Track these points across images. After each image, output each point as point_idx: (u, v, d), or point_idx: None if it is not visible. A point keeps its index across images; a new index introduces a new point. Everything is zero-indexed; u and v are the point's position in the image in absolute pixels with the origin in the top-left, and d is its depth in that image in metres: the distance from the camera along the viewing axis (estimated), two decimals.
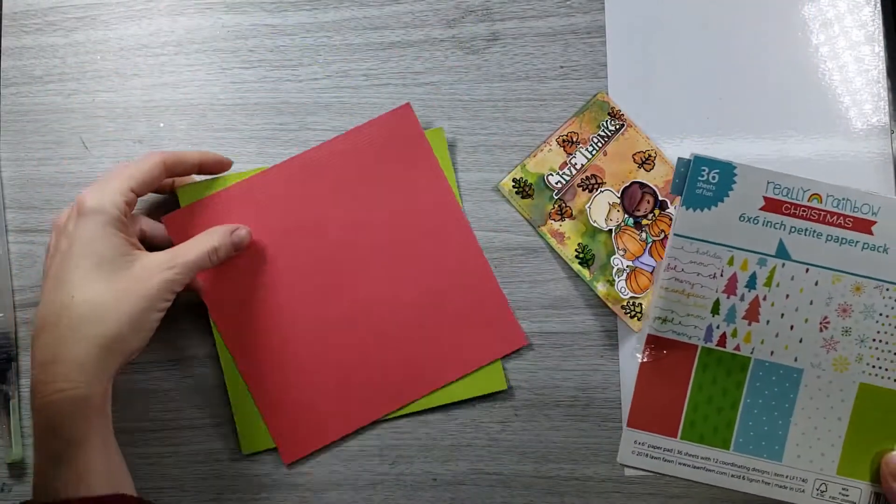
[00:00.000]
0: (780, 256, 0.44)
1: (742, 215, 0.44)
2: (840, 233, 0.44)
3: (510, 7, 0.56)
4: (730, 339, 0.44)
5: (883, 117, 0.55)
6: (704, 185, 0.44)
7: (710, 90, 0.55)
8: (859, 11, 0.55)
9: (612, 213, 0.54)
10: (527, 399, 0.54)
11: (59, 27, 0.57)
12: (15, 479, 0.55)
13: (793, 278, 0.44)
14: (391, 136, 0.54)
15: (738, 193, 0.44)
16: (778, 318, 0.44)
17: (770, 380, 0.44)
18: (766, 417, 0.44)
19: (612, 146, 0.54)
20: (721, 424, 0.45)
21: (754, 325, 0.44)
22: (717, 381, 0.45)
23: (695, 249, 0.44)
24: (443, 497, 0.54)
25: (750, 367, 0.44)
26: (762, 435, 0.44)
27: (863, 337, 0.44)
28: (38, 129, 0.57)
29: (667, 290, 0.44)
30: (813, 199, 0.44)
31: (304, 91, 0.56)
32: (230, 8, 0.57)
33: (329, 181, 0.54)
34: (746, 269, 0.44)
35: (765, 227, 0.44)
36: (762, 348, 0.44)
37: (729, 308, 0.44)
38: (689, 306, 0.44)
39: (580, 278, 0.54)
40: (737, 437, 0.44)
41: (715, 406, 0.45)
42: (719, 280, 0.44)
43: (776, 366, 0.44)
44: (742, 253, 0.44)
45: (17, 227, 0.56)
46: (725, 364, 0.45)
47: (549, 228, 0.54)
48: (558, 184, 0.54)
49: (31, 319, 0.50)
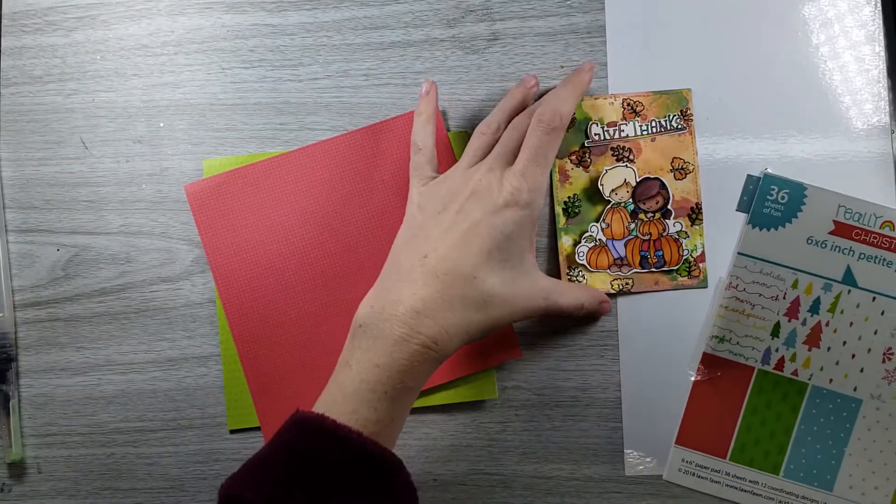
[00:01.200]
0: (846, 283, 0.43)
1: (810, 238, 0.43)
2: None
3: (510, 7, 0.56)
4: (788, 363, 0.44)
5: (883, 117, 0.54)
6: (773, 205, 0.43)
7: (710, 90, 0.55)
8: (860, 11, 0.55)
9: (620, 189, 0.54)
10: (527, 399, 0.54)
11: (58, 27, 0.57)
12: (15, 479, 0.55)
13: (858, 306, 0.43)
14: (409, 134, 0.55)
15: (807, 215, 0.43)
16: (840, 346, 0.43)
17: (827, 408, 0.43)
18: (819, 445, 0.43)
19: (663, 138, 0.54)
20: (773, 449, 0.44)
21: (814, 351, 0.43)
22: (771, 405, 0.44)
23: (758, 270, 0.43)
24: (443, 497, 0.54)
25: (807, 393, 0.44)
26: (814, 463, 0.43)
27: None
28: (37, 129, 0.57)
29: (726, 308, 0.44)
30: (885, 226, 0.43)
31: (304, 91, 0.56)
32: (230, 8, 0.57)
33: (351, 169, 0.54)
34: (811, 294, 0.43)
35: (833, 251, 0.43)
36: (821, 375, 0.43)
37: (790, 332, 0.44)
38: (748, 327, 0.44)
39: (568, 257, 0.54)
40: (788, 463, 0.44)
41: (768, 430, 0.44)
42: (781, 302, 0.43)
43: (834, 394, 0.43)
44: (807, 276, 0.43)
45: (16, 227, 0.56)
46: (782, 388, 0.44)
47: (561, 164, 0.54)
48: (597, 136, 0.54)
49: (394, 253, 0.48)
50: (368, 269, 0.54)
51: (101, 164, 0.56)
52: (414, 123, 0.53)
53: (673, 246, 0.53)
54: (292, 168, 0.55)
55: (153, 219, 0.56)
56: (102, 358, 0.55)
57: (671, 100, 0.55)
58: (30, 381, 0.55)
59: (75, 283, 0.56)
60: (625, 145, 0.54)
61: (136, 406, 0.55)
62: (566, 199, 0.54)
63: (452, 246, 0.46)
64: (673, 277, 0.53)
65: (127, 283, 0.56)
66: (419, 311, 0.44)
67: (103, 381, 0.55)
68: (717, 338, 0.43)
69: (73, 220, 0.56)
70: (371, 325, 0.44)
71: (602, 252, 0.54)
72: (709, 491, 0.44)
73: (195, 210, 0.54)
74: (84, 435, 0.55)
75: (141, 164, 0.56)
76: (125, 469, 0.55)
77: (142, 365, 0.55)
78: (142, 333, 0.55)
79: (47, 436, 0.55)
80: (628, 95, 0.55)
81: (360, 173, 0.55)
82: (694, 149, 0.54)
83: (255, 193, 0.54)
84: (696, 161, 0.54)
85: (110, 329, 0.55)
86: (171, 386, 0.55)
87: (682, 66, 0.55)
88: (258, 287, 0.54)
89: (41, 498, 0.55)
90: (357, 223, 0.54)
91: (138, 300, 0.55)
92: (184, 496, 0.54)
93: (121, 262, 0.56)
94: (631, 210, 0.54)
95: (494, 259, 0.46)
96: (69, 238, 0.56)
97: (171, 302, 0.55)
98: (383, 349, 0.43)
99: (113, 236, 0.56)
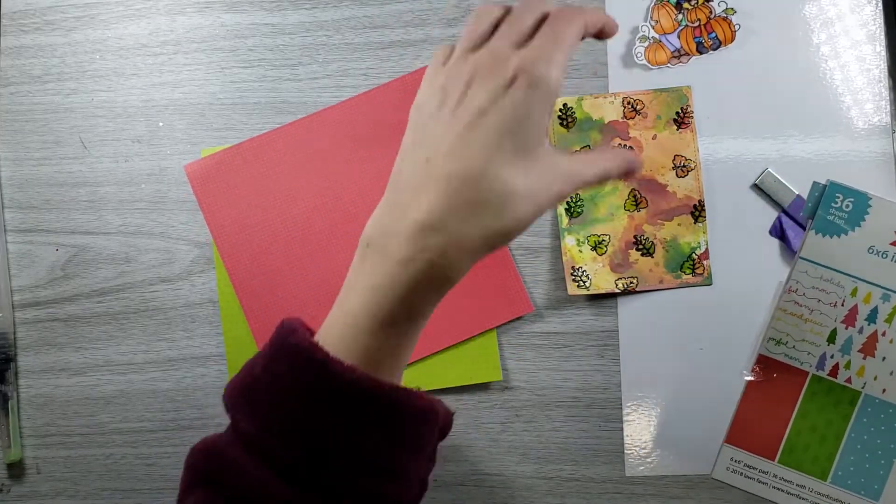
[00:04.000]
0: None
1: (871, 248, 0.43)
2: None
3: None
4: (842, 370, 0.44)
5: (884, 117, 0.54)
6: (837, 213, 0.43)
7: (710, 90, 0.55)
8: (860, 11, 0.55)
9: None
10: (527, 399, 0.54)
11: (57, 26, 0.57)
12: (14, 479, 0.55)
13: None
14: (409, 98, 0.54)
15: (871, 225, 0.43)
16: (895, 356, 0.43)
17: (878, 417, 0.44)
18: (868, 454, 0.43)
19: (664, 136, 0.54)
20: (822, 455, 0.44)
21: (869, 360, 0.43)
22: (823, 411, 0.44)
23: (819, 276, 0.43)
24: (443, 497, 0.54)
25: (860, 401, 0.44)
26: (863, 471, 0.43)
27: None
28: (36, 129, 0.56)
29: (784, 311, 0.44)
30: None
31: (303, 90, 0.56)
32: (229, 7, 0.57)
33: (346, 139, 0.55)
34: (869, 303, 0.43)
35: (894, 262, 0.43)
36: (874, 384, 0.44)
37: (846, 339, 0.44)
38: (805, 332, 0.44)
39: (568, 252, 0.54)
40: (836, 469, 0.44)
41: (818, 435, 0.44)
42: (839, 309, 0.43)
43: (887, 404, 0.44)
44: (867, 285, 0.43)
45: (15, 227, 0.56)
46: (835, 395, 0.44)
47: None
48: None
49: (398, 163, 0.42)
50: None
51: (99, 164, 0.56)
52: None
53: (724, 24, 0.54)
54: (290, 140, 0.55)
55: (152, 219, 0.56)
56: (101, 358, 0.55)
57: (672, 97, 0.54)
58: (29, 382, 0.55)
59: (74, 283, 0.56)
60: (625, 143, 0.54)
61: (136, 406, 0.55)
62: (568, 200, 0.54)
63: (455, 142, 0.40)
64: (677, 275, 0.53)
65: (126, 284, 0.55)
66: (425, 223, 0.38)
67: (102, 381, 0.55)
68: (773, 340, 0.44)
69: (72, 220, 0.56)
70: (375, 243, 0.40)
71: (659, 48, 0.54)
72: (755, 491, 0.44)
73: (197, 189, 0.55)
74: (83, 435, 0.55)
75: (140, 163, 0.56)
76: (124, 469, 0.55)
77: (141, 365, 0.55)
78: (141, 334, 0.55)
79: (46, 436, 0.55)
80: (629, 94, 0.55)
81: (359, 140, 0.55)
82: (695, 146, 0.54)
83: (255, 168, 0.55)
84: (697, 158, 0.54)
85: (109, 329, 0.55)
86: (170, 386, 0.55)
87: (683, 67, 0.55)
88: (265, 262, 0.54)
89: (41, 498, 0.55)
90: (358, 190, 0.55)
91: (137, 300, 0.55)
92: None
93: (120, 262, 0.56)
94: (675, 3, 0.54)
95: (506, 149, 0.39)
96: (68, 238, 0.56)
97: (171, 302, 0.55)
98: (387, 270, 0.39)
99: (112, 236, 0.56)
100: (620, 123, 0.54)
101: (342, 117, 0.55)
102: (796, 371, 0.44)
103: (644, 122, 0.54)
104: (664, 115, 0.54)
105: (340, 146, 0.55)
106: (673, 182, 0.54)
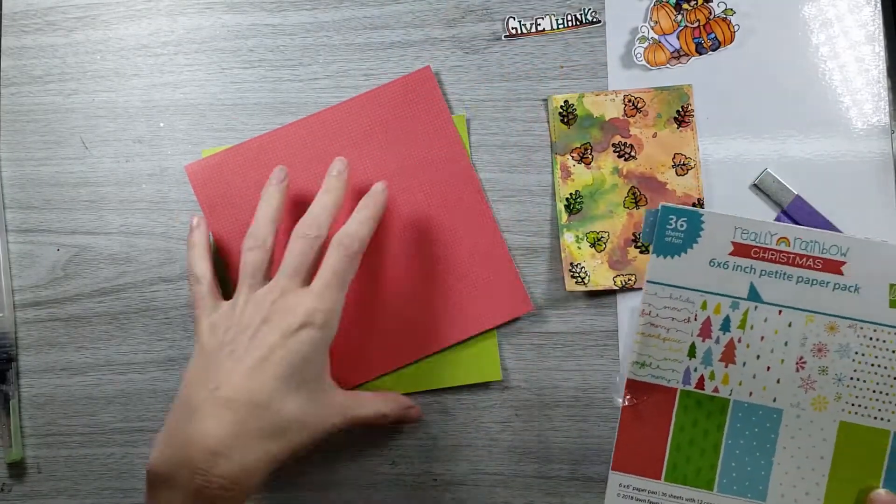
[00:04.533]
0: (752, 299, 0.45)
1: (712, 261, 0.45)
2: (810, 274, 0.44)
3: (510, 7, 0.56)
4: (708, 381, 0.45)
5: (883, 117, 0.54)
6: (673, 234, 0.45)
7: (710, 90, 0.55)
8: (859, 11, 0.55)
9: None
10: (527, 399, 0.54)
11: (58, 27, 0.57)
12: (15, 479, 0.55)
13: (766, 320, 0.45)
14: (410, 98, 0.55)
15: (707, 240, 0.45)
16: (754, 360, 0.45)
17: (750, 420, 0.45)
18: (748, 458, 0.45)
19: (664, 134, 0.54)
20: (704, 466, 0.45)
21: (731, 367, 0.45)
22: (697, 423, 0.45)
23: (668, 295, 0.45)
24: (443, 497, 0.54)
25: (729, 408, 0.45)
26: (745, 475, 0.45)
27: (840, 376, 0.45)
28: (38, 129, 0.57)
29: (643, 335, 0.45)
30: (781, 242, 0.45)
31: (304, 91, 0.56)
32: (230, 8, 0.57)
33: (347, 139, 0.55)
34: (720, 313, 0.45)
35: (735, 271, 0.45)
36: (740, 390, 0.45)
37: (705, 351, 0.45)
38: (665, 350, 0.45)
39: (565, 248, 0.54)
40: (720, 478, 0.45)
41: (697, 448, 0.45)
42: (693, 324, 0.45)
43: (755, 406, 0.45)
44: (714, 297, 0.45)
45: (16, 227, 0.56)
46: (705, 406, 0.45)
47: (563, 161, 0.54)
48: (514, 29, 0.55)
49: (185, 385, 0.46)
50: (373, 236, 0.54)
51: (101, 164, 0.56)
52: (188, 256, 0.52)
53: (723, 25, 0.54)
54: (291, 141, 0.55)
55: (153, 219, 0.56)
56: (102, 358, 0.55)
57: (672, 96, 0.55)
58: (30, 381, 0.55)
59: (75, 283, 0.56)
60: (626, 142, 0.54)
61: (136, 406, 0.55)
62: (568, 196, 0.54)
63: (246, 374, 0.44)
64: None
65: (127, 283, 0.56)
66: (214, 450, 0.42)
67: (103, 380, 0.55)
68: (637, 363, 0.45)
69: (73, 220, 0.56)
70: (165, 473, 0.42)
71: (658, 49, 0.55)
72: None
73: (197, 189, 0.55)
74: (84, 435, 0.55)
75: (141, 164, 0.56)
76: (125, 469, 0.55)
77: (142, 365, 0.55)
78: (142, 333, 0.55)
79: (47, 436, 0.55)
80: (629, 91, 0.55)
81: (357, 142, 0.55)
82: (695, 144, 0.54)
83: (255, 169, 0.55)
84: (697, 157, 0.54)
85: (110, 329, 0.55)
86: (171, 386, 0.55)
87: (682, 67, 0.55)
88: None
89: (41, 498, 0.55)
90: (358, 191, 0.54)
91: (138, 300, 0.55)
92: None
93: (121, 262, 0.56)
94: (674, 3, 0.54)
95: (291, 383, 0.44)
96: (69, 238, 0.56)
97: (171, 302, 0.55)
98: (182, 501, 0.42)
99: (113, 236, 0.56)
100: (621, 121, 0.54)
101: (343, 118, 0.55)
102: (665, 389, 0.45)
103: (645, 120, 0.54)
104: (665, 114, 0.54)
105: (341, 147, 0.55)
106: (672, 180, 0.54)
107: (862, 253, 0.44)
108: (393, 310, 0.54)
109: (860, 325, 0.44)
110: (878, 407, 0.44)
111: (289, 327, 0.45)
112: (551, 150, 0.55)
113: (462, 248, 0.54)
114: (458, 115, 0.55)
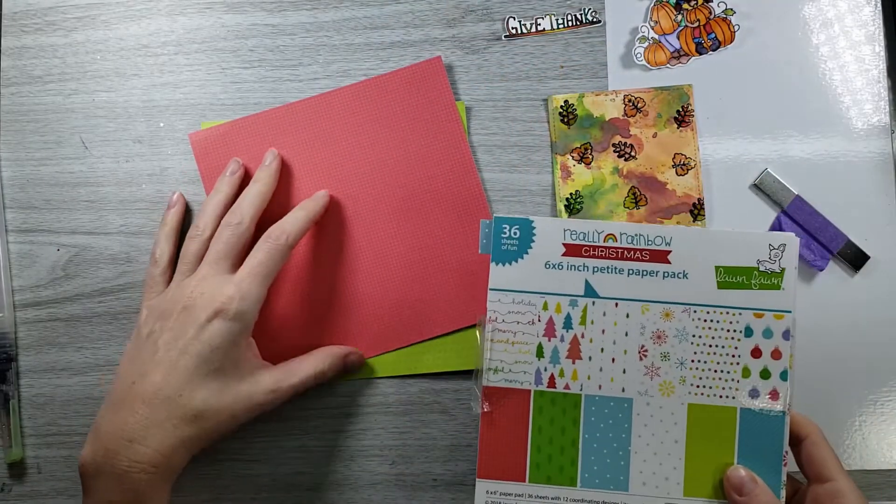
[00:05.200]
0: (588, 295, 0.46)
1: (547, 263, 0.46)
2: (640, 266, 0.46)
3: (510, 7, 0.56)
4: (558, 379, 0.46)
5: (883, 117, 0.55)
6: (508, 242, 0.47)
7: (710, 90, 0.55)
8: (860, 11, 0.55)
9: None
10: None
11: (58, 27, 0.57)
12: (15, 479, 0.55)
13: (604, 314, 0.46)
14: (417, 86, 0.55)
15: (540, 244, 0.46)
16: (598, 353, 0.46)
17: (603, 413, 0.46)
18: (606, 450, 0.46)
19: (664, 134, 0.54)
20: (565, 463, 0.46)
21: (578, 363, 0.46)
22: (554, 422, 0.46)
23: (510, 300, 0.46)
24: (443, 497, 0.54)
25: (582, 403, 0.46)
26: (606, 468, 0.46)
27: (681, 360, 0.46)
28: (38, 129, 0.57)
29: (493, 341, 0.46)
30: (608, 238, 0.46)
31: (304, 91, 0.56)
32: (230, 8, 0.57)
33: (350, 121, 0.55)
34: (560, 312, 0.46)
35: (569, 270, 0.46)
36: (589, 384, 0.46)
37: (552, 350, 0.46)
38: (515, 354, 0.46)
39: None
40: (582, 472, 0.46)
41: (557, 446, 0.46)
42: (538, 325, 0.46)
43: (606, 399, 0.46)
44: (553, 297, 0.46)
45: (16, 227, 0.56)
46: (559, 404, 0.46)
47: (563, 161, 0.54)
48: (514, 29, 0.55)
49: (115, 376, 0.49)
50: (368, 219, 0.55)
51: (100, 164, 0.56)
52: (157, 233, 0.54)
53: (723, 25, 0.55)
54: (295, 118, 0.55)
55: (153, 219, 0.56)
56: (102, 358, 0.55)
57: (673, 96, 0.55)
58: (30, 381, 0.55)
59: (75, 283, 0.56)
60: (626, 142, 0.54)
61: None
62: (568, 196, 0.54)
63: (158, 369, 0.47)
64: None
65: (127, 283, 0.56)
66: (130, 438, 0.45)
67: (103, 381, 0.55)
68: (491, 370, 0.46)
69: (73, 221, 0.56)
70: (95, 465, 0.46)
71: (658, 49, 0.55)
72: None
73: (199, 158, 0.55)
74: (84, 435, 0.55)
75: (141, 164, 0.56)
76: None
77: None
78: None
79: (47, 436, 0.55)
80: (630, 91, 0.55)
81: (362, 125, 0.55)
82: (695, 144, 0.54)
83: (258, 143, 0.55)
84: (697, 157, 0.54)
85: (110, 329, 0.55)
86: None
87: (682, 67, 0.55)
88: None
89: (41, 498, 0.55)
90: (358, 174, 0.55)
91: (138, 300, 0.55)
92: (183, 495, 0.54)
93: (121, 262, 0.56)
94: (674, 3, 0.55)
95: (201, 374, 0.47)
96: (69, 238, 0.56)
97: None
98: (112, 486, 0.45)
99: (113, 236, 0.56)
100: (621, 121, 0.55)
101: (348, 101, 0.55)
102: (519, 392, 0.46)
103: (645, 120, 0.54)
104: (665, 114, 0.54)
105: (344, 129, 0.55)
106: (672, 180, 0.54)
107: (684, 241, 0.46)
108: (385, 295, 0.54)
109: (693, 308, 0.46)
110: (721, 385, 0.46)
111: (202, 320, 0.47)
112: (551, 150, 0.55)
113: (456, 244, 0.54)
114: (459, 102, 0.55)
